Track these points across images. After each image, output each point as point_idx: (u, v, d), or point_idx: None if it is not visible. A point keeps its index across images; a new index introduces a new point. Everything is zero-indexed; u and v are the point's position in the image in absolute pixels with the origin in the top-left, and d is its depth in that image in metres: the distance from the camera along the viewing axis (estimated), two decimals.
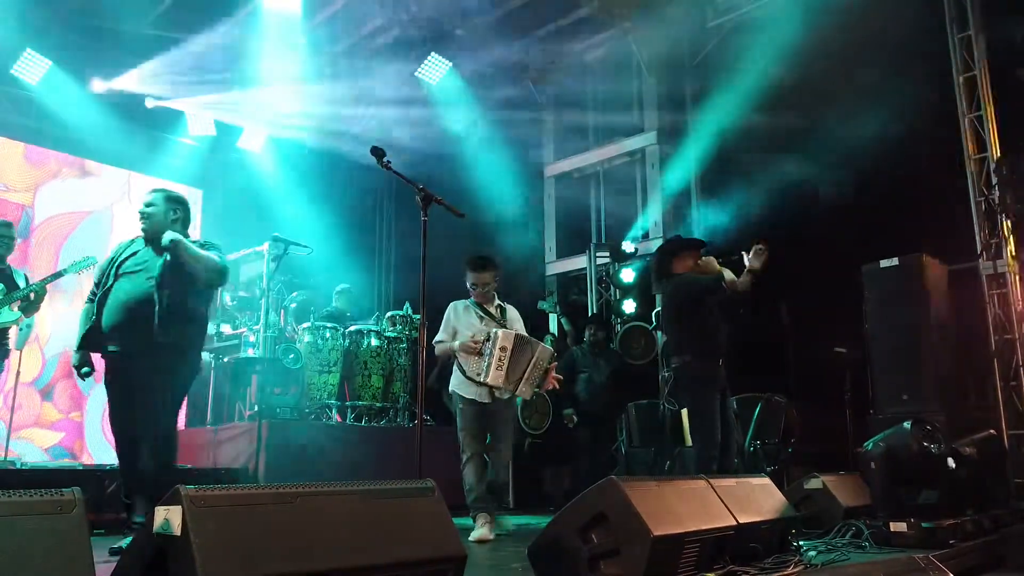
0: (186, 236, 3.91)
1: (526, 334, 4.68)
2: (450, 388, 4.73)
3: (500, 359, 4.38)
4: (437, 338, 4.70)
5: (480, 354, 4.46)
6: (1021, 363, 5.62)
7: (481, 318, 4.72)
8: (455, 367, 4.71)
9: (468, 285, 4.79)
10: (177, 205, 3.96)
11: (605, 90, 9.18)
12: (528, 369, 4.48)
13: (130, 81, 8.26)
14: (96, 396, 7.85)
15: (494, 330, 4.50)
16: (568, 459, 7.30)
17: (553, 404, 7.09)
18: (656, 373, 7.76)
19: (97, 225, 8.64)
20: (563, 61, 9.09)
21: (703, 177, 8.35)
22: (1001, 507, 4.65)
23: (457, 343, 4.56)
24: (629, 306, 8.03)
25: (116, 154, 8.59)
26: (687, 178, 8.40)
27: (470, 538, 4.28)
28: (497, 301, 4.86)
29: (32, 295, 5.14)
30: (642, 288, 8.12)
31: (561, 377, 4.81)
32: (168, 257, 3.76)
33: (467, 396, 4.58)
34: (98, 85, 8.18)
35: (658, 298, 7.83)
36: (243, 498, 1.86)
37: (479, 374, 4.45)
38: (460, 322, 4.70)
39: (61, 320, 7.64)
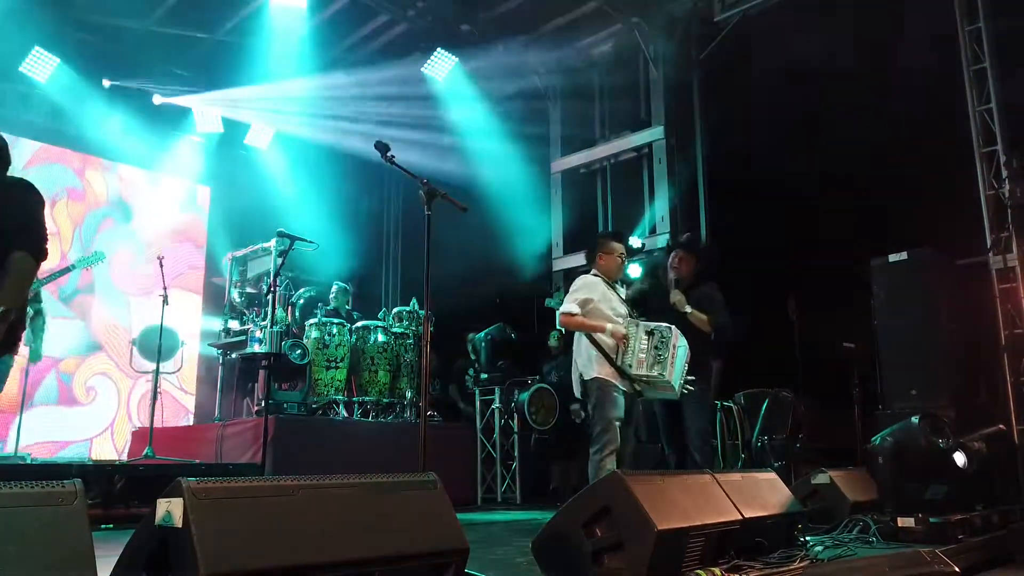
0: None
1: None
2: (591, 375, 4.14)
3: (674, 356, 4.01)
4: (569, 308, 4.17)
5: (628, 345, 4.03)
6: None
7: (622, 302, 4.28)
8: (590, 349, 4.16)
9: (616, 257, 4.36)
10: None
11: (612, 85, 9.15)
12: (684, 367, 4.13)
13: (137, 78, 8.30)
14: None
15: (664, 325, 4.08)
16: (575, 454, 7.27)
17: (560, 399, 7.09)
18: None
19: (103, 221, 8.69)
20: (570, 56, 9.06)
21: (710, 172, 8.30)
22: (1011, 503, 4.62)
23: (609, 326, 4.07)
24: None
25: (123, 151, 8.63)
26: (694, 173, 8.36)
27: None
28: None
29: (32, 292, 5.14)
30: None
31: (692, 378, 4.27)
32: None
33: (621, 386, 4.10)
34: (106, 82, 8.21)
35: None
36: (244, 490, 1.87)
37: (630, 366, 4.02)
38: (604, 301, 4.19)
39: None
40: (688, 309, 4.59)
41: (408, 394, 7.01)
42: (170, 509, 1.79)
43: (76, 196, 8.49)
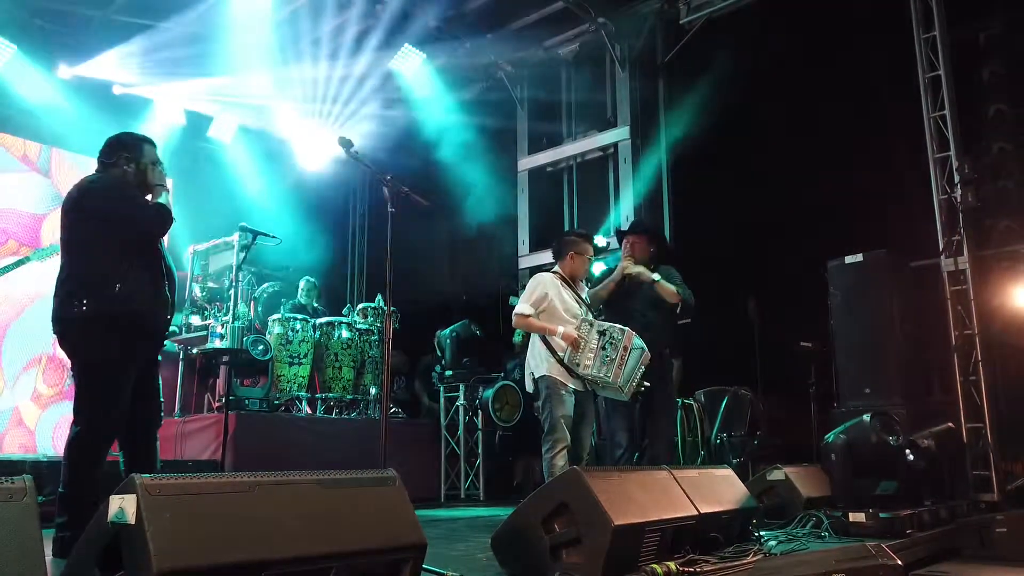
0: None
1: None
2: (541, 372, 4.18)
3: (623, 359, 4.02)
4: (522, 310, 4.18)
5: (579, 346, 4.06)
6: (980, 358, 5.73)
7: (578, 302, 4.29)
8: (541, 349, 4.20)
9: (586, 258, 4.37)
10: None
11: (579, 84, 9.20)
12: (639, 370, 4.12)
13: (97, 68, 8.13)
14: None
15: (617, 327, 4.09)
16: (538, 451, 7.31)
17: (523, 396, 7.12)
18: None
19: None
20: (537, 55, 9.10)
21: (675, 172, 8.40)
22: (959, 498, 4.77)
23: (561, 328, 4.09)
24: None
25: (82, 142, 8.44)
26: (659, 173, 8.45)
27: None
28: None
29: None
30: None
31: (648, 384, 4.23)
32: None
33: (570, 385, 4.14)
34: (64, 71, 8.02)
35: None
36: (199, 487, 1.86)
37: (578, 365, 4.06)
38: (559, 301, 4.21)
39: None
40: (656, 277, 4.54)
41: (372, 391, 6.99)
42: (123, 506, 1.78)
43: None
